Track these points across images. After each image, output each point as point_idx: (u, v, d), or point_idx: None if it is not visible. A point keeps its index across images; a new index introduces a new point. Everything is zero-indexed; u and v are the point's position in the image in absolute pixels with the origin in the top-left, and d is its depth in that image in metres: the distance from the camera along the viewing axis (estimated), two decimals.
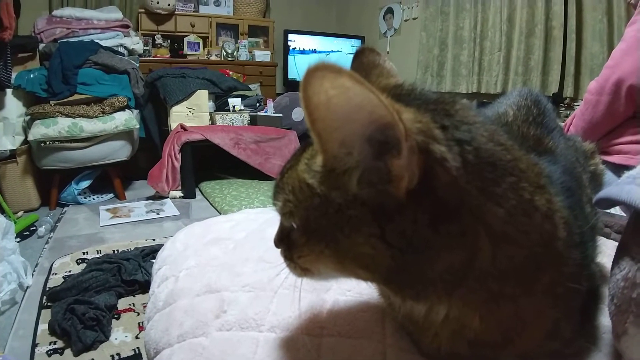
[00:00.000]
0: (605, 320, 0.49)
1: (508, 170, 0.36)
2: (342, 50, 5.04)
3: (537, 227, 0.36)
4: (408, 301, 0.40)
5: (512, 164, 0.36)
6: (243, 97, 3.83)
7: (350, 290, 0.56)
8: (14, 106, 2.75)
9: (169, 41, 4.28)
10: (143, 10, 4.11)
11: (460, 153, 0.33)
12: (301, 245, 0.39)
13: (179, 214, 2.75)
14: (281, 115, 3.70)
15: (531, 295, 0.38)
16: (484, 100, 3.52)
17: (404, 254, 0.34)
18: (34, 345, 1.38)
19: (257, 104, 3.89)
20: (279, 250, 0.45)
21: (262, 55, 4.64)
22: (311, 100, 0.30)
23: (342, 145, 0.33)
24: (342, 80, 0.29)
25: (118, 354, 1.35)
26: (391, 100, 0.31)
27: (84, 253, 2.06)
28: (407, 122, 0.30)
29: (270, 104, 3.86)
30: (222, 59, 4.41)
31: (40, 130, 2.64)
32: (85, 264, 1.90)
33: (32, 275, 1.84)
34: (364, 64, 0.47)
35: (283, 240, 0.43)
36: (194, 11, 4.42)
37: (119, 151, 2.99)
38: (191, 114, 3.44)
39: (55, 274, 1.85)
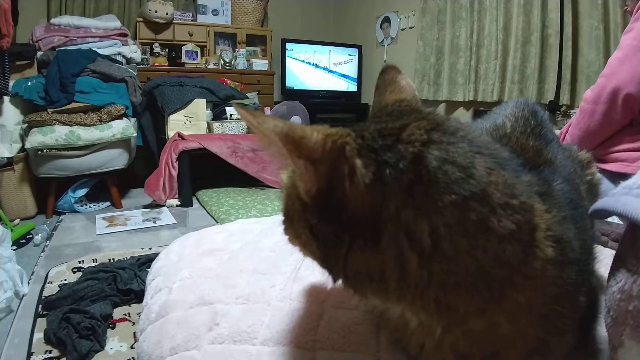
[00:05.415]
0: (602, 331, 0.48)
1: (450, 190, 0.35)
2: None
3: (490, 249, 0.36)
4: (349, 290, 0.42)
5: (465, 184, 0.35)
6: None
7: (344, 303, 0.56)
8: (12, 114, 2.74)
9: (167, 50, 4.28)
10: (141, 19, 4.12)
11: (376, 171, 0.36)
12: (284, 222, 0.46)
13: (175, 222, 2.74)
14: None
15: (502, 313, 0.38)
16: (481, 109, 3.53)
17: (325, 247, 0.39)
18: (30, 353, 1.37)
19: None
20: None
21: (260, 64, 4.65)
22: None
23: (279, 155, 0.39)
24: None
25: None
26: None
27: (79, 262, 2.05)
28: (316, 138, 0.36)
29: (267, 112, 3.86)
30: (220, 67, 4.41)
31: (37, 138, 2.63)
32: (81, 273, 1.89)
33: (28, 283, 1.82)
34: (386, 80, 0.52)
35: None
36: (192, 20, 4.42)
37: (116, 159, 2.98)
38: (189, 122, 3.43)
39: (51, 283, 1.83)
